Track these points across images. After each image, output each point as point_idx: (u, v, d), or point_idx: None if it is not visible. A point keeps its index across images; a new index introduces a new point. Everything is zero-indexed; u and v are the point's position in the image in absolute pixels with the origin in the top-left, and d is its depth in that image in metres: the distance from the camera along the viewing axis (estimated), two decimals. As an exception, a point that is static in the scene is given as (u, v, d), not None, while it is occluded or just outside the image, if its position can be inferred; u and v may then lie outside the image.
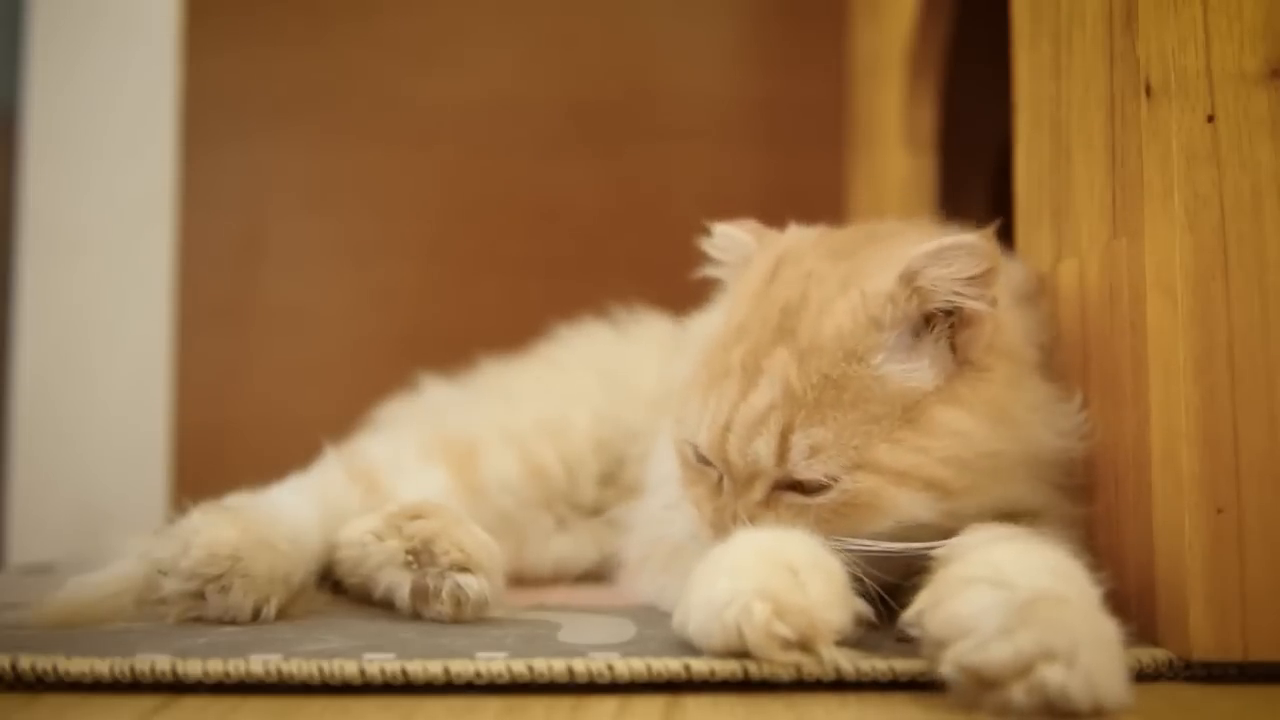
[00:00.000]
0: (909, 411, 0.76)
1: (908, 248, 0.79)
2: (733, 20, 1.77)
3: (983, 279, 0.76)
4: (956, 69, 1.41)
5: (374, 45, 1.73)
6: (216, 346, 1.70)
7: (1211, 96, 0.75)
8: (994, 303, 0.78)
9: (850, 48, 1.74)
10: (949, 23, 1.39)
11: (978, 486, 0.77)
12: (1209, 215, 0.74)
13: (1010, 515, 0.78)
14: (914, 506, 0.75)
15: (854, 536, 0.75)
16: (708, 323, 0.90)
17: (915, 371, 0.77)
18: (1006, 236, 1.01)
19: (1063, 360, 0.88)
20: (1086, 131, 0.87)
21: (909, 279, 0.77)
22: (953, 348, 0.78)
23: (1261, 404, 0.73)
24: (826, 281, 0.81)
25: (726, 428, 0.78)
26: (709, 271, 0.93)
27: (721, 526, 0.78)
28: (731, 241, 0.90)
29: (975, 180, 1.46)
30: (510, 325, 1.36)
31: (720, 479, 0.81)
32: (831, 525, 0.76)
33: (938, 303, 0.77)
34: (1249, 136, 0.75)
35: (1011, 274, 0.88)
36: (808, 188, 1.72)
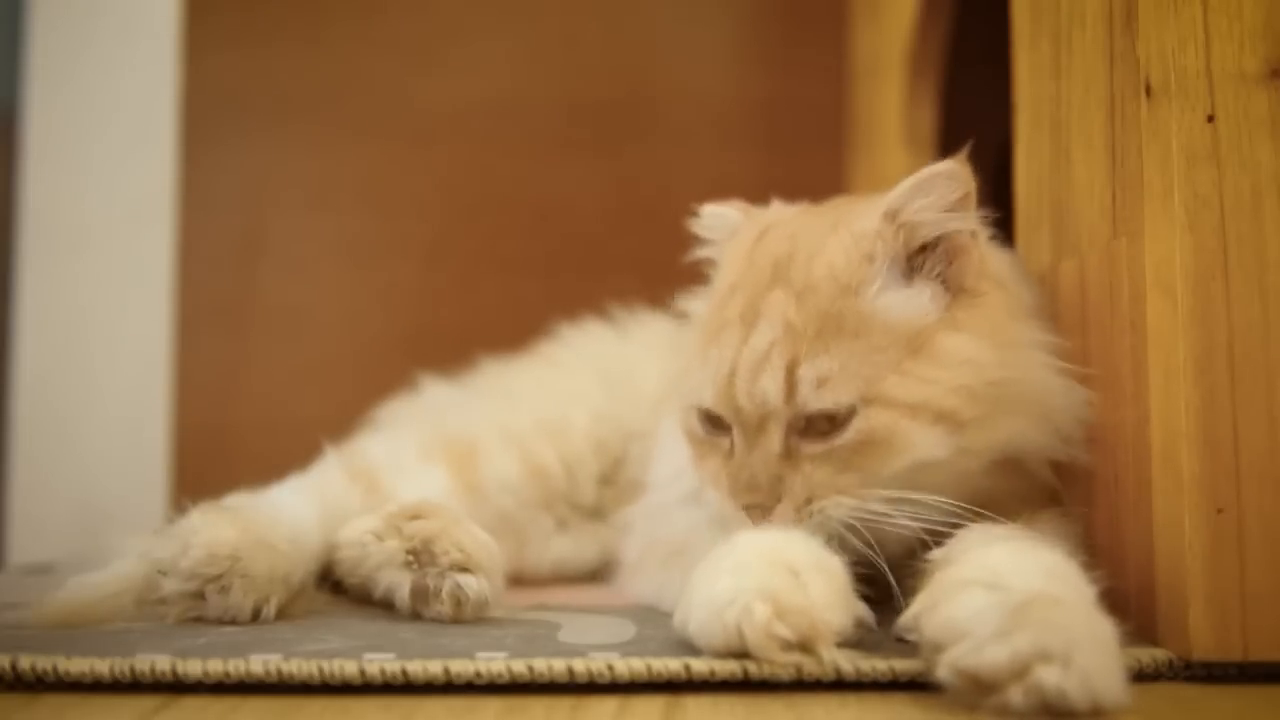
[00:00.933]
0: (913, 342, 0.77)
1: (885, 195, 0.81)
2: (733, 20, 1.77)
3: (963, 202, 0.79)
4: (956, 69, 1.41)
5: (374, 45, 1.73)
6: (216, 346, 1.70)
7: (1211, 96, 0.75)
8: (977, 228, 0.80)
9: (850, 48, 1.74)
10: (949, 23, 1.39)
11: (987, 418, 0.77)
12: (1209, 215, 0.74)
13: (1014, 478, 0.79)
14: (929, 441, 0.76)
15: (875, 482, 0.76)
16: (703, 304, 0.90)
17: (912, 301, 0.79)
18: (1007, 237, 1.01)
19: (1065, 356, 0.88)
20: (1086, 131, 0.87)
21: (893, 214, 0.79)
22: (944, 281, 0.80)
23: (1261, 404, 0.73)
24: (814, 232, 0.83)
25: (731, 374, 0.79)
26: (700, 253, 0.94)
27: (742, 491, 0.78)
28: (719, 219, 0.92)
29: (975, 180, 1.45)
30: (510, 325, 1.37)
31: (732, 444, 0.80)
32: (851, 467, 0.76)
33: (924, 234, 0.79)
34: (1249, 136, 0.75)
35: (1002, 255, 0.90)
36: (808, 188, 1.70)
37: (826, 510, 0.76)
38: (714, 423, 0.82)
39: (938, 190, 0.79)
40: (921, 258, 0.80)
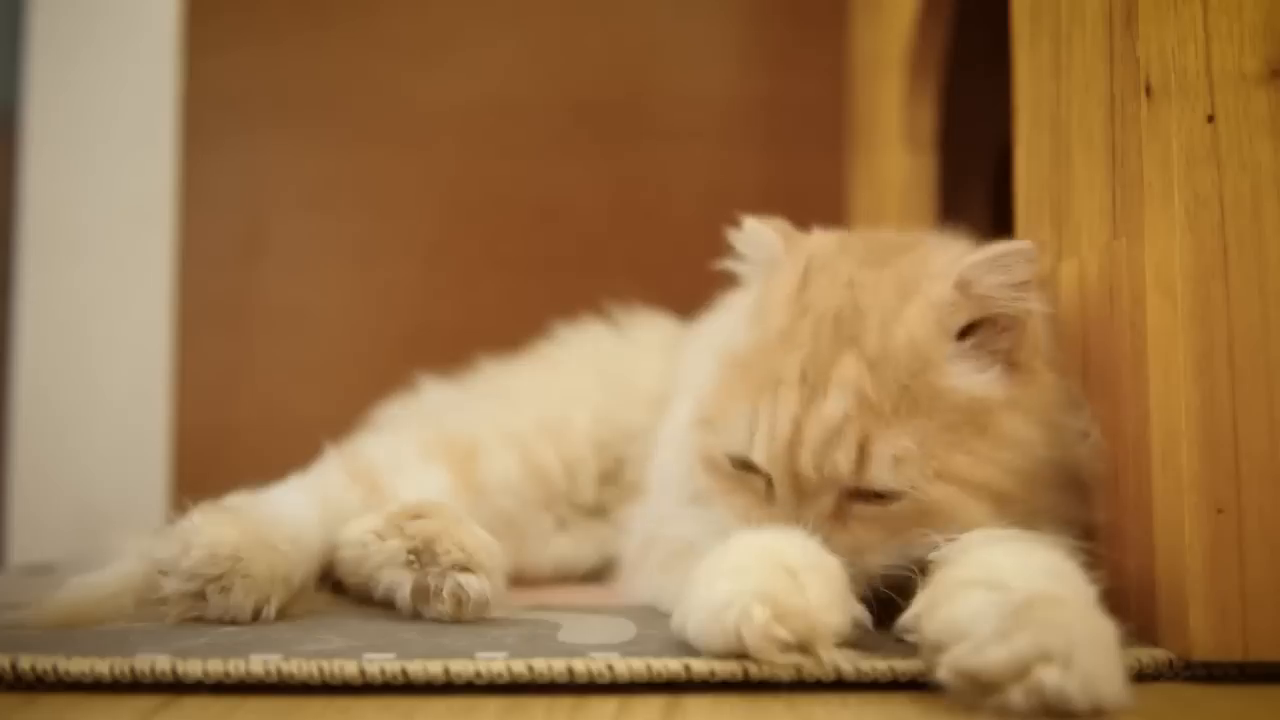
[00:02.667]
0: (978, 420, 0.77)
1: (950, 254, 0.81)
2: (733, 20, 1.77)
3: (1031, 284, 0.78)
4: (956, 69, 1.41)
5: (374, 45, 1.73)
6: (216, 346, 1.70)
7: (1211, 96, 0.75)
8: (1040, 309, 0.80)
9: (850, 48, 1.74)
10: (949, 23, 1.39)
11: (1031, 496, 0.77)
12: (1209, 215, 0.74)
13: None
14: (980, 516, 0.75)
15: (915, 545, 0.75)
16: (724, 325, 0.89)
17: (984, 380, 0.78)
18: (1007, 237, 1.02)
19: (1063, 359, 0.88)
20: (1086, 131, 0.87)
21: (966, 286, 0.78)
22: (1003, 357, 0.79)
23: (1261, 404, 0.73)
24: (879, 290, 0.81)
25: (794, 441, 0.76)
26: (731, 265, 0.91)
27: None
28: (759, 238, 0.89)
29: (975, 180, 1.46)
30: (510, 325, 1.37)
31: (767, 486, 0.79)
32: (902, 534, 0.75)
33: (993, 309, 0.78)
34: (1249, 136, 0.75)
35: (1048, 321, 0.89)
36: (808, 188, 1.72)
37: (869, 561, 0.76)
38: (748, 467, 0.80)
39: (1012, 268, 0.77)
40: (982, 330, 0.79)
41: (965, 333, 0.78)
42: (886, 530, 0.76)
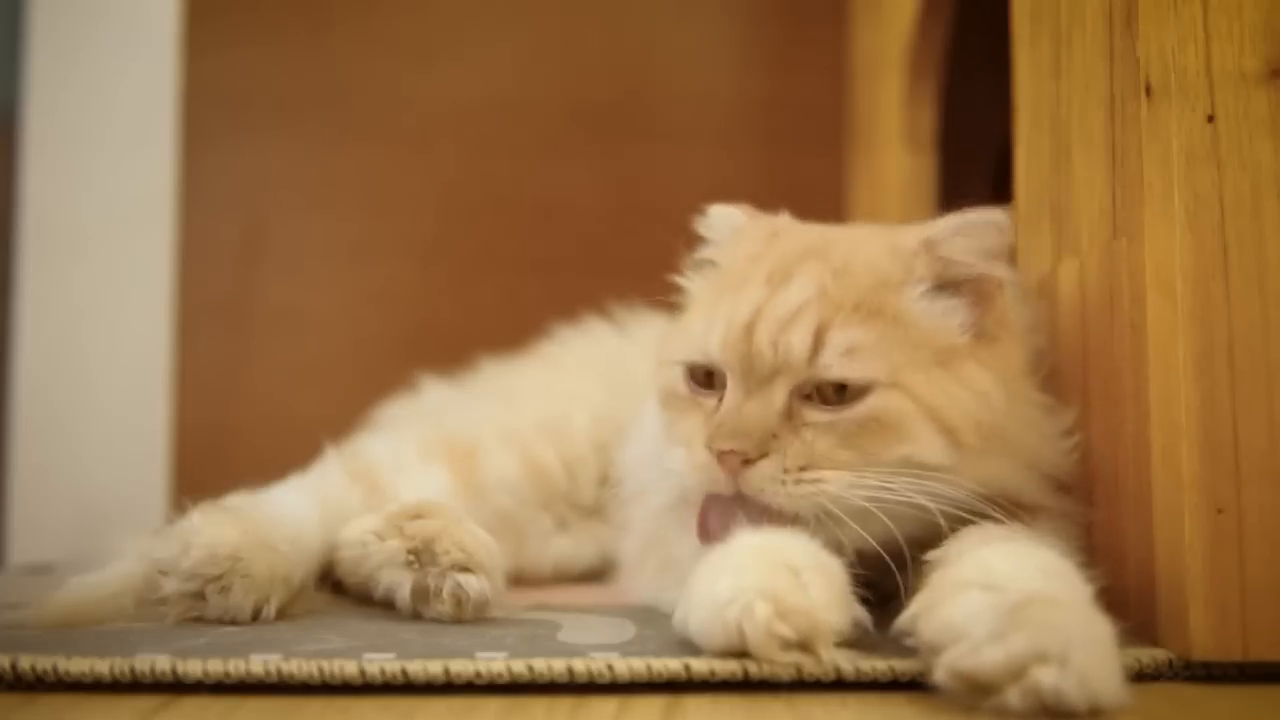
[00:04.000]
0: (941, 355, 0.78)
1: (918, 228, 0.82)
2: (733, 20, 1.77)
3: (1001, 251, 0.80)
4: (956, 69, 1.41)
5: (374, 45, 1.73)
6: (216, 346, 1.70)
7: (1211, 96, 0.75)
8: (1007, 278, 0.81)
9: (850, 48, 1.74)
10: (949, 23, 1.39)
11: (982, 453, 0.77)
12: (1209, 215, 0.74)
13: (1006, 509, 0.79)
14: (933, 443, 0.76)
15: (871, 462, 0.75)
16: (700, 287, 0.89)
17: (947, 317, 0.79)
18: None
19: (1059, 363, 0.88)
20: (1086, 131, 0.87)
21: (933, 245, 0.80)
22: (971, 320, 0.80)
23: (1261, 404, 0.73)
24: (846, 236, 0.83)
25: (750, 323, 0.77)
26: (703, 253, 0.92)
27: (725, 436, 0.75)
28: (723, 219, 0.91)
29: (975, 180, 1.46)
30: (510, 325, 1.37)
31: (720, 402, 0.79)
32: (854, 444, 0.75)
33: (958, 273, 0.80)
34: (1249, 136, 0.75)
35: (1021, 310, 0.90)
36: (808, 188, 1.72)
37: (824, 483, 0.74)
38: (705, 380, 0.81)
39: (981, 235, 0.79)
40: (951, 290, 0.80)
41: (931, 292, 0.80)
42: (839, 439, 0.75)
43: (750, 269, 0.82)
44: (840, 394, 0.76)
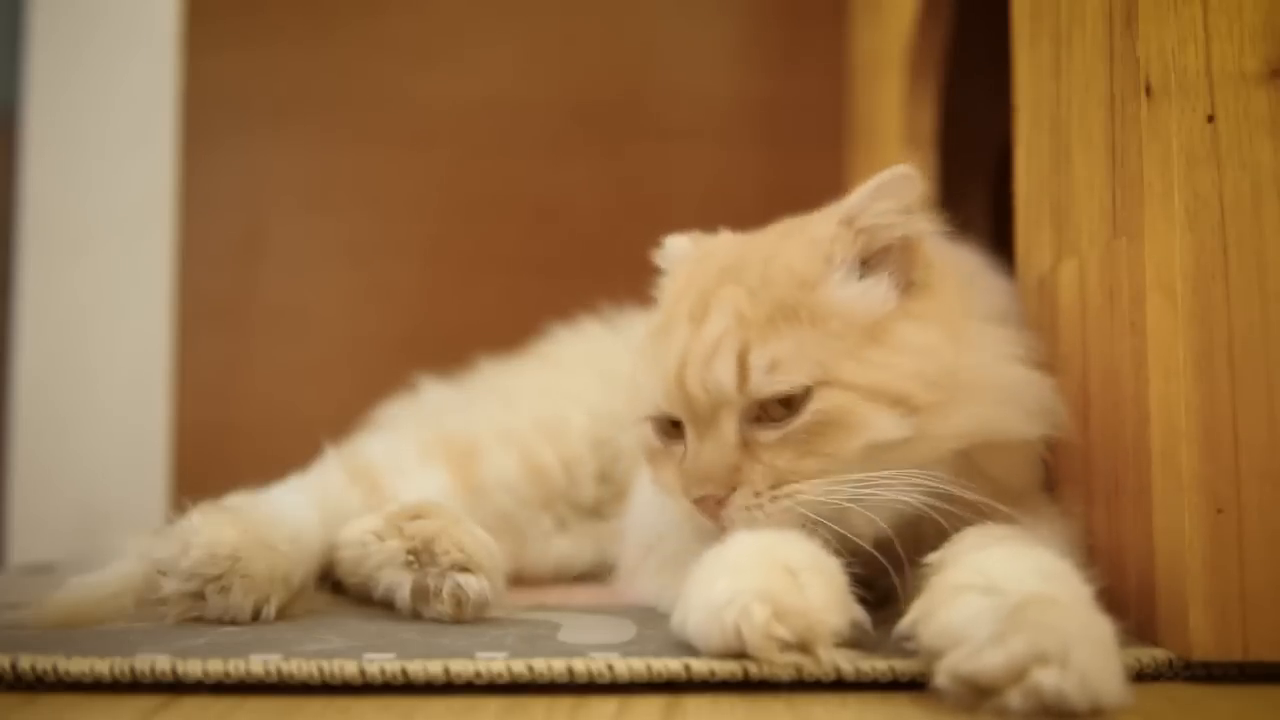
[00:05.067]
0: (869, 332, 0.78)
1: (835, 207, 0.84)
2: (733, 20, 1.77)
3: (916, 204, 0.81)
4: (956, 69, 1.41)
5: (374, 45, 1.73)
6: (216, 346, 1.70)
7: (1211, 96, 0.75)
8: (928, 226, 0.82)
9: (850, 48, 1.74)
10: (949, 23, 1.39)
11: (945, 404, 0.77)
12: (1209, 215, 0.74)
13: (1004, 458, 0.80)
14: (885, 423, 0.76)
15: (835, 463, 0.75)
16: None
17: (868, 294, 0.79)
18: (1006, 236, 1.02)
19: (1060, 363, 0.88)
20: (1086, 131, 0.87)
21: (851, 219, 0.81)
22: (898, 277, 0.81)
23: (1261, 404, 0.73)
24: (762, 243, 0.84)
25: (681, 367, 0.79)
26: (660, 282, 0.93)
27: (694, 485, 0.77)
28: (673, 248, 0.93)
29: (975, 180, 1.46)
30: (509, 325, 1.37)
31: (685, 449, 0.80)
32: (810, 450, 0.76)
33: (882, 238, 0.81)
34: (1249, 136, 0.75)
35: (965, 256, 0.91)
36: (808, 188, 1.70)
37: (801, 493, 0.75)
38: (668, 430, 0.82)
39: (894, 194, 0.80)
40: (877, 258, 0.81)
41: (860, 265, 0.80)
42: (795, 451, 0.76)
43: (677, 308, 0.82)
44: (786, 406, 0.76)
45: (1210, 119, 0.75)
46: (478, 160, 1.73)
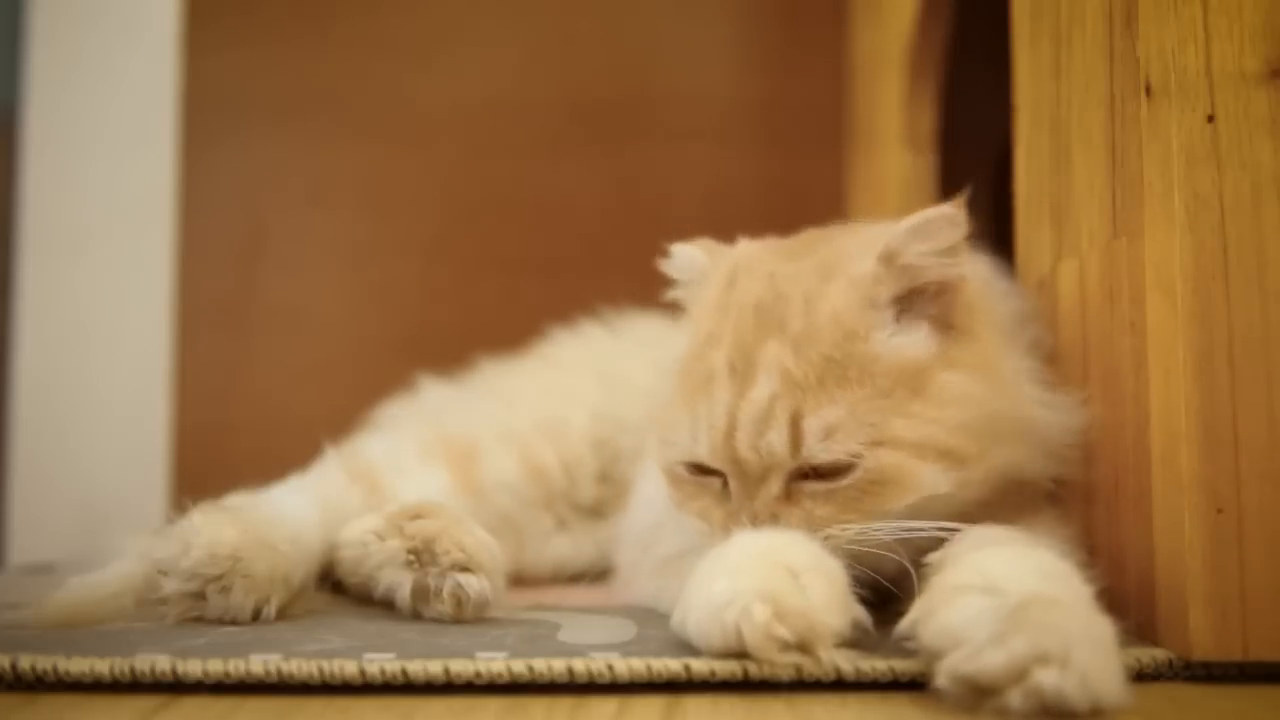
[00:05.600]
0: (913, 382, 0.77)
1: (870, 233, 0.81)
2: (733, 20, 1.77)
3: (960, 246, 0.79)
4: (956, 69, 1.41)
5: (374, 45, 1.73)
6: (216, 346, 1.70)
7: (1211, 96, 0.75)
8: (970, 270, 0.80)
9: (850, 48, 1.74)
10: (949, 23, 1.39)
11: (984, 451, 0.77)
12: (1209, 215, 0.74)
13: (1014, 494, 0.79)
14: (934, 478, 0.75)
15: (877, 517, 0.75)
16: (678, 345, 0.89)
17: (912, 342, 0.78)
18: (1006, 237, 1.02)
19: (1062, 358, 0.88)
20: (1086, 131, 0.87)
21: (891, 257, 0.78)
22: (937, 320, 0.79)
23: (1261, 404, 0.73)
24: (799, 276, 0.81)
25: (729, 430, 0.77)
26: (674, 293, 0.92)
27: (735, 527, 0.76)
28: (686, 259, 0.90)
29: (975, 180, 1.45)
30: (509, 325, 1.37)
31: (724, 485, 0.80)
32: (856, 508, 0.75)
33: (923, 278, 0.79)
34: (1249, 136, 0.75)
35: (985, 275, 0.90)
36: (808, 188, 1.72)
37: (832, 541, 0.75)
38: (703, 470, 0.81)
39: (936, 235, 0.78)
40: (915, 298, 0.79)
41: (897, 304, 0.79)
42: (840, 505, 0.76)
43: (713, 354, 0.80)
44: (835, 467, 0.76)
45: (1210, 119, 0.75)
46: (478, 160, 1.73)
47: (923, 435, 0.75)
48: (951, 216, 0.78)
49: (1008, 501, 0.80)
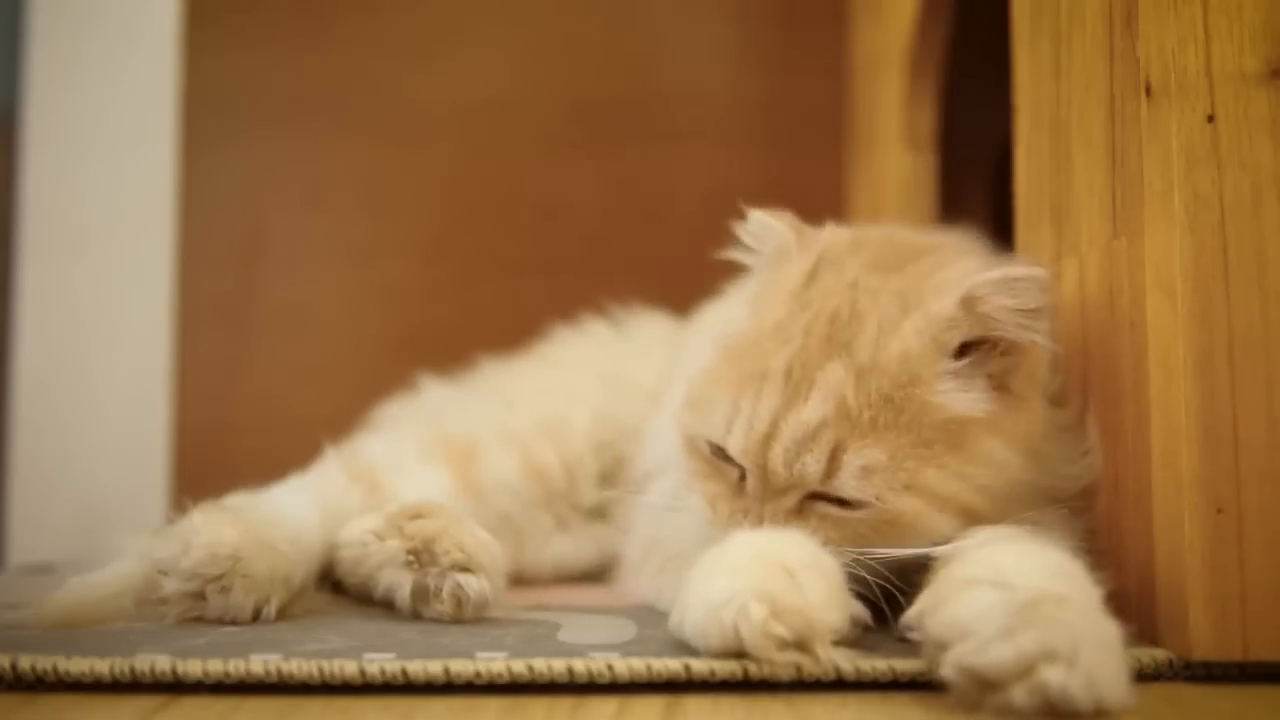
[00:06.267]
0: (955, 437, 0.76)
1: (960, 268, 0.80)
2: (733, 20, 1.77)
3: (1041, 312, 0.76)
4: (956, 69, 1.41)
5: (374, 45, 1.73)
6: (216, 346, 1.70)
7: (1211, 96, 0.75)
8: (1044, 337, 0.78)
9: (850, 48, 1.74)
10: (949, 23, 1.39)
11: (1000, 513, 0.76)
12: (1209, 215, 0.74)
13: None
14: (944, 528, 0.75)
15: (880, 549, 0.75)
16: (725, 313, 0.88)
17: (970, 400, 0.77)
18: (1006, 237, 1.01)
19: (1064, 367, 0.88)
20: (1086, 131, 0.87)
21: (971, 304, 0.76)
22: (994, 377, 0.78)
23: (1261, 404, 0.73)
24: (880, 297, 0.80)
25: (769, 437, 0.77)
26: (737, 256, 0.90)
27: (739, 527, 0.77)
28: (768, 231, 0.88)
29: (975, 180, 1.46)
30: (510, 325, 1.37)
31: (740, 478, 0.80)
32: (863, 540, 0.75)
33: (995, 331, 0.77)
34: (1249, 136, 0.75)
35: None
36: (808, 188, 1.72)
37: (841, 555, 0.74)
38: (725, 457, 0.81)
39: (1023, 294, 0.75)
40: (981, 349, 0.78)
41: (962, 350, 0.77)
42: (845, 533, 0.76)
43: (773, 354, 0.79)
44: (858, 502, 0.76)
45: (1210, 119, 0.75)
46: (478, 160, 1.73)
47: (949, 490, 0.75)
48: (1042, 281, 0.75)
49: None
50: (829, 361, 0.77)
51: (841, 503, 0.76)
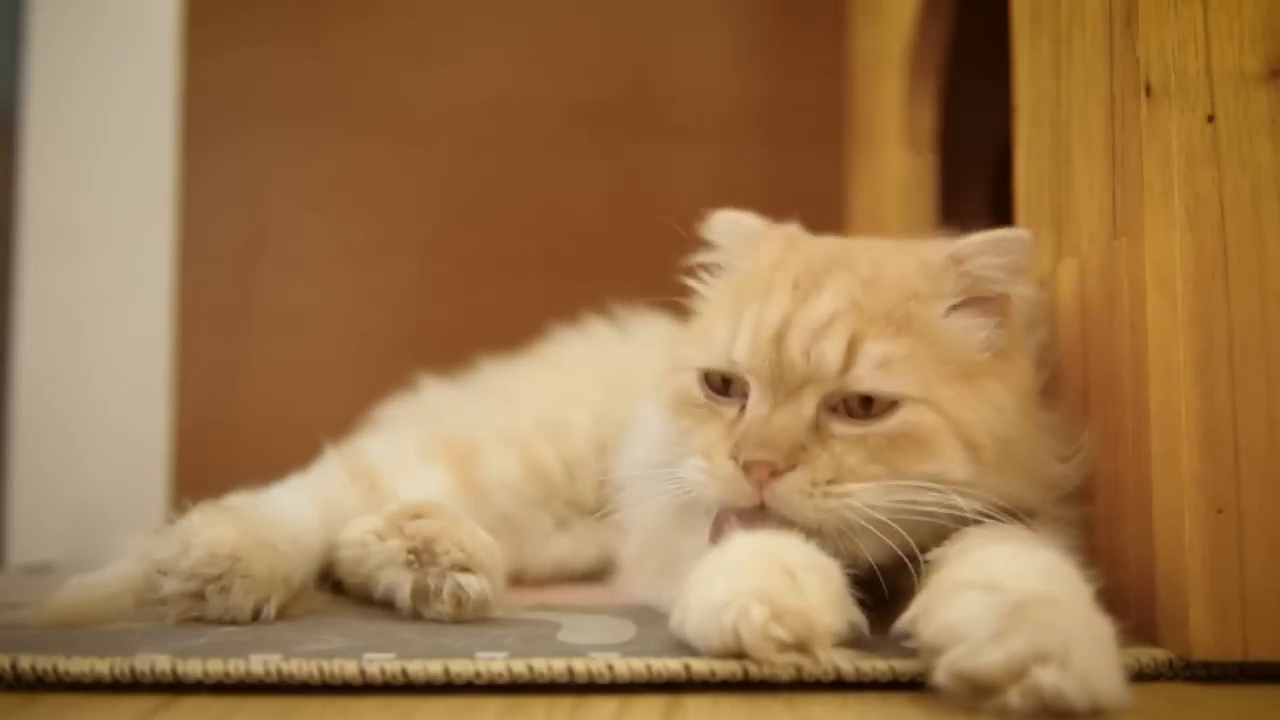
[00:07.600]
0: (965, 370, 0.77)
1: (936, 243, 0.83)
2: (733, 20, 1.77)
3: (1024, 271, 0.80)
4: (956, 69, 1.41)
5: (374, 45, 1.73)
6: (216, 346, 1.70)
7: (1211, 96, 0.75)
8: (1026, 293, 0.81)
9: (850, 48, 1.74)
10: (949, 23, 1.39)
11: (998, 467, 0.77)
12: (1209, 215, 0.74)
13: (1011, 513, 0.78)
14: (957, 458, 0.75)
15: (894, 477, 0.74)
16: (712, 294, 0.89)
17: (973, 332, 0.79)
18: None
19: (1060, 363, 0.88)
20: (1086, 131, 0.87)
21: (959, 260, 0.79)
22: (990, 334, 0.80)
23: (1261, 404, 0.73)
24: (868, 247, 0.83)
25: (781, 331, 0.77)
26: (707, 257, 0.91)
27: (752, 447, 0.74)
28: (734, 224, 0.90)
29: (975, 180, 1.46)
30: (510, 325, 1.37)
31: (742, 410, 0.78)
32: (883, 459, 0.74)
33: (983, 289, 0.79)
34: (1249, 136, 0.75)
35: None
36: (808, 188, 1.72)
37: (850, 497, 0.73)
38: (722, 387, 0.80)
39: (1008, 252, 0.79)
40: (974, 306, 0.80)
41: (955, 308, 0.79)
42: (867, 454, 0.74)
43: (774, 276, 0.81)
44: (866, 407, 0.75)
45: (1210, 119, 0.75)
46: (478, 160, 1.73)
47: (963, 416, 0.76)
48: (1025, 239, 0.79)
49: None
50: (834, 272, 0.79)
51: (857, 413, 0.75)
